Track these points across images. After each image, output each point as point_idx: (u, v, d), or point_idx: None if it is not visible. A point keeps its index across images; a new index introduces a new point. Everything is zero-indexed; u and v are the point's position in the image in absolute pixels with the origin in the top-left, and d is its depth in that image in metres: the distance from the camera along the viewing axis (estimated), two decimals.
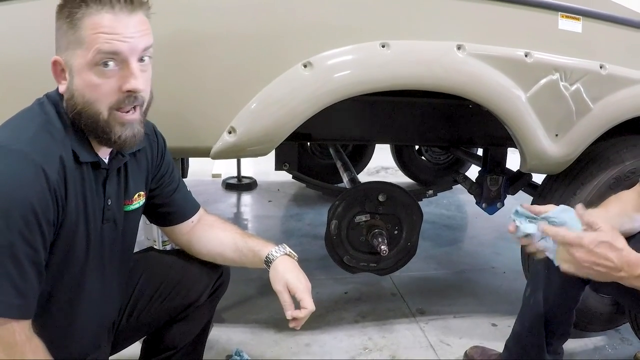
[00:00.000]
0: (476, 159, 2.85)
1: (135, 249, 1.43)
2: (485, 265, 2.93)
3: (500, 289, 2.59)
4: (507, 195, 2.38)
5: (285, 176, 3.41)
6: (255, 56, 1.55)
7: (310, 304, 1.31)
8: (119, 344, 1.47)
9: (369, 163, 4.29)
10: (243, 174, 4.40)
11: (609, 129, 1.86)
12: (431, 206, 3.87)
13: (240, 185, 4.32)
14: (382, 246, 1.98)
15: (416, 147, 4.24)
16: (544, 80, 1.72)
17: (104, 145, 1.15)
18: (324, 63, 1.56)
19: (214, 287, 1.50)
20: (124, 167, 1.26)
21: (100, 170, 1.19)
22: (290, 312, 1.30)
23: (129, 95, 1.08)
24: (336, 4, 1.59)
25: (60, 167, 1.08)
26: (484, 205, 2.36)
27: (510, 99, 1.70)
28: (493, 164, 2.35)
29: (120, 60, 1.06)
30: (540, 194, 2.09)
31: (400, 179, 4.33)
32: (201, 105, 1.56)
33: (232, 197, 4.14)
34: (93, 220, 1.18)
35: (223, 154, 1.61)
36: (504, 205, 2.37)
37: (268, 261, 1.38)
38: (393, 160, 4.39)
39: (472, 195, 2.45)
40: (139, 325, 1.45)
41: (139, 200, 1.32)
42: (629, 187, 1.68)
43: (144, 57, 1.10)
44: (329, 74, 1.57)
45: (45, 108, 1.12)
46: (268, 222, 3.62)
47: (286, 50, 1.56)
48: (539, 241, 1.35)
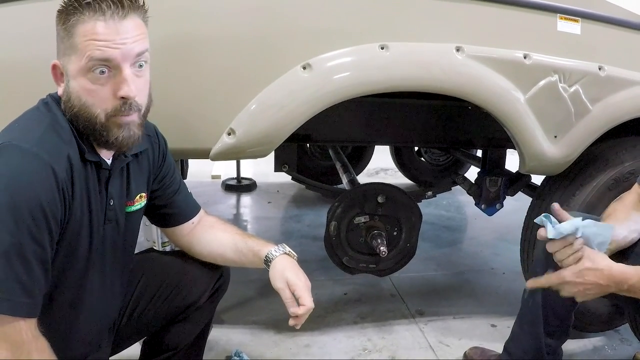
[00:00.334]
0: (475, 160, 2.85)
1: (135, 250, 1.44)
2: (484, 266, 2.93)
3: (499, 290, 2.59)
4: (506, 196, 2.39)
5: (284, 177, 3.40)
6: (255, 58, 1.55)
7: (310, 302, 1.31)
8: (120, 345, 1.47)
9: (369, 164, 4.29)
10: (242, 175, 4.41)
11: (607, 130, 1.86)
12: (430, 207, 3.87)
13: (239, 186, 4.32)
14: (382, 247, 1.99)
15: (415, 149, 4.24)
16: (542, 82, 1.72)
17: (102, 147, 1.16)
18: (323, 65, 1.56)
19: (214, 288, 1.50)
20: (126, 168, 1.27)
21: (102, 170, 1.20)
22: (293, 309, 1.31)
23: (124, 102, 1.09)
24: (335, 6, 1.59)
25: (68, 166, 1.09)
26: (483, 206, 2.36)
27: (509, 100, 1.70)
28: (492, 165, 2.36)
29: (113, 67, 1.07)
30: (539, 196, 2.10)
31: (399, 180, 4.33)
32: (200, 107, 1.56)
33: (232, 199, 4.14)
34: (96, 220, 1.19)
35: (222, 156, 1.61)
36: (503, 206, 2.37)
37: (268, 260, 1.38)
38: (392, 162, 4.39)
39: (471, 197, 2.46)
40: (140, 326, 1.46)
41: (140, 202, 1.33)
42: (627, 189, 1.68)
43: (139, 63, 1.10)
44: (328, 75, 1.57)
45: (52, 108, 1.13)
46: (267, 224, 3.63)
47: (285, 52, 1.56)
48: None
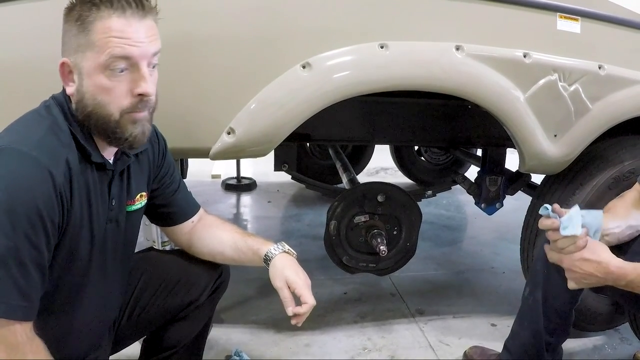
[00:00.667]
0: (475, 160, 2.86)
1: (135, 250, 1.44)
2: (484, 265, 2.93)
3: (499, 289, 2.59)
4: (506, 195, 2.39)
5: (284, 177, 3.41)
6: (254, 57, 1.55)
7: (311, 299, 1.31)
8: (120, 343, 1.47)
9: (369, 164, 4.29)
10: (242, 174, 4.41)
11: (607, 129, 1.86)
12: (430, 206, 3.87)
13: (239, 185, 4.32)
14: (381, 246, 1.99)
15: (415, 148, 4.24)
16: (542, 81, 1.72)
17: (114, 145, 1.16)
18: (322, 64, 1.56)
19: (214, 287, 1.50)
20: (127, 168, 1.27)
21: (106, 171, 1.20)
22: (291, 309, 1.31)
23: (140, 99, 1.10)
24: (335, 5, 1.59)
25: (67, 170, 1.08)
26: (483, 205, 2.36)
27: (509, 99, 1.70)
28: (492, 165, 2.36)
29: (130, 64, 1.08)
30: (539, 195, 2.10)
31: (399, 179, 4.34)
32: (200, 106, 1.56)
33: (232, 198, 4.14)
34: (97, 221, 1.19)
35: (222, 155, 1.61)
36: (503, 205, 2.37)
37: (267, 259, 1.38)
38: (392, 161, 4.39)
39: (471, 196, 2.46)
40: (139, 325, 1.46)
41: (140, 201, 1.33)
42: (627, 188, 1.68)
43: (152, 63, 1.12)
44: (327, 74, 1.57)
45: (52, 111, 1.12)
46: (267, 223, 3.63)
47: (285, 51, 1.56)
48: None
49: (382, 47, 1.60)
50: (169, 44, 1.48)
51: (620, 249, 1.51)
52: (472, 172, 2.70)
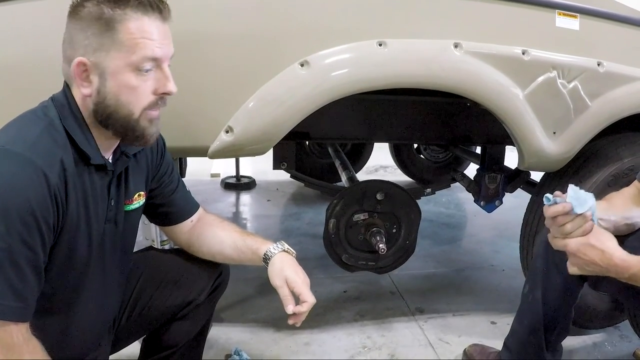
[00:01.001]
0: (474, 157, 2.85)
1: (134, 249, 1.44)
2: (484, 263, 2.93)
3: (499, 287, 2.59)
4: (506, 193, 2.39)
5: (284, 175, 3.41)
6: (252, 55, 1.55)
7: (310, 297, 1.31)
8: (119, 343, 1.47)
9: (368, 162, 4.29)
10: (242, 173, 4.41)
11: (607, 126, 1.86)
12: (430, 204, 3.87)
13: (239, 184, 4.33)
14: (381, 245, 1.98)
15: (415, 146, 4.24)
16: (541, 78, 1.72)
17: (127, 142, 1.18)
18: (321, 62, 1.56)
19: (214, 286, 1.50)
20: (125, 168, 1.26)
21: (106, 172, 1.19)
22: (291, 307, 1.30)
23: (161, 97, 1.14)
24: (333, 3, 1.58)
25: (62, 171, 1.08)
26: (482, 203, 2.36)
27: (508, 96, 1.70)
28: (491, 162, 2.36)
29: (156, 65, 1.11)
30: (538, 192, 2.10)
31: (399, 177, 4.34)
32: (198, 105, 1.56)
33: (231, 197, 4.14)
34: (95, 222, 1.18)
35: (221, 153, 1.61)
36: (502, 203, 2.37)
37: (266, 258, 1.38)
38: (392, 159, 4.39)
39: (471, 194, 2.45)
40: (139, 324, 1.46)
41: (139, 200, 1.33)
42: (627, 185, 1.68)
43: (169, 64, 1.15)
44: (326, 72, 1.57)
45: (49, 112, 1.12)
46: (267, 222, 3.63)
47: (283, 49, 1.56)
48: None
49: (381, 45, 1.59)
50: None
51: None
52: (472, 170, 2.69)
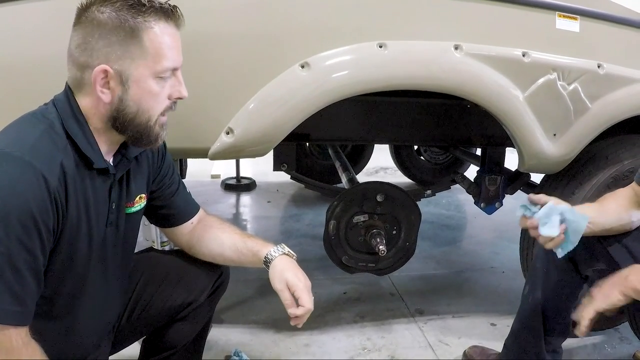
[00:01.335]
0: (475, 159, 2.85)
1: (135, 250, 1.43)
2: (484, 265, 2.93)
3: (499, 289, 2.59)
4: (506, 195, 2.39)
5: (284, 177, 3.41)
6: (253, 57, 1.55)
7: (309, 303, 1.31)
8: (119, 344, 1.47)
9: (368, 163, 4.30)
10: (242, 174, 4.41)
11: (607, 128, 1.86)
12: (430, 206, 3.87)
13: (239, 185, 4.33)
14: (381, 246, 1.98)
15: (415, 147, 4.24)
16: (541, 80, 1.72)
17: (141, 146, 1.21)
18: (321, 63, 1.56)
19: (214, 287, 1.50)
20: (127, 170, 1.26)
21: (107, 175, 1.19)
22: (292, 310, 1.31)
23: (174, 102, 1.18)
24: (333, 5, 1.59)
25: (61, 174, 1.07)
26: (482, 205, 2.36)
27: (508, 98, 1.70)
28: (491, 164, 2.36)
29: (173, 71, 1.15)
30: (539, 194, 2.09)
31: (399, 179, 4.34)
32: (199, 106, 1.56)
33: (231, 198, 4.14)
34: (96, 225, 1.18)
35: (221, 155, 1.61)
36: (502, 205, 2.37)
37: (267, 261, 1.38)
38: (392, 161, 4.40)
39: (471, 195, 2.45)
40: (139, 325, 1.45)
41: (140, 203, 1.33)
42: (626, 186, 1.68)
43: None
44: (326, 74, 1.57)
45: (50, 115, 1.11)
46: (267, 223, 3.63)
47: (283, 51, 1.56)
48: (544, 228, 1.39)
49: (381, 47, 1.60)
50: None
51: (605, 240, 1.52)
52: (472, 172, 2.69)
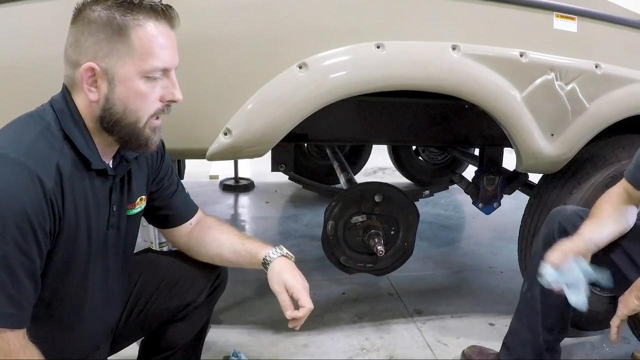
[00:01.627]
0: (473, 159, 2.86)
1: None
2: (482, 265, 2.93)
3: (497, 289, 2.59)
4: (504, 195, 2.39)
5: (282, 177, 3.41)
6: (251, 57, 1.55)
7: (308, 303, 1.32)
8: (118, 345, 1.46)
9: (366, 163, 4.29)
10: (240, 175, 4.41)
11: (604, 128, 1.86)
12: (428, 206, 3.87)
13: (237, 186, 4.32)
14: (379, 246, 1.98)
15: (413, 148, 4.24)
16: (539, 80, 1.72)
17: (129, 149, 1.18)
18: (319, 64, 1.56)
19: (212, 288, 1.50)
20: (128, 171, 1.26)
21: (107, 177, 1.19)
22: (289, 312, 1.31)
23: (167, 105, 1.15)
24: (331, 5, 1.59)
25: (57, 176, 1.06)
26: (480, 205, 2.36)
27: (506, 99, 1.70)
28: (489, 164, 2.36)
29: (165, 72, 1.11)
30: (536, 194, 2.10)
31: (397, 179, 4.34)
32: (197, 107, 1.56)
33: (230, 199, 4.14)
34: (96, 228, 1.18)
35: (219, 156, 1.61)
36: (500, 205, 2.37)
37: (265, 263, 1.38)
38: (390, 161, 4.39)
39: (469, 195, 2.46)
40: (137, 326, 1.45)
41: (140, 204, 1.33)
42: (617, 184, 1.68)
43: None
44: (324, 74, 1.57)
45: (46, 115, 1.10)
46: (265, 223, 3.62)
47: (281, 52, 1.56)
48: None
49: (379, 47, 1.60)
50: None
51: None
52: (470, 172, 2.70)
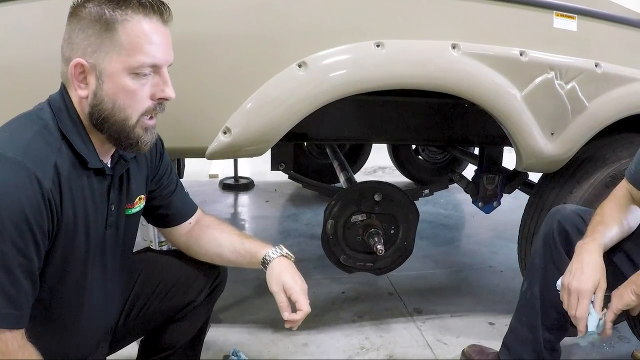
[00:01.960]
0: (473, 158, 2.85)
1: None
2: (482, 264, 2.93)
3: (497, 288, 2.59)
4: (504, 194, 2.39)
5: (282, 176, 3.41)
6: (250, 56, 1.55)
7: (306, 306, 1.32)
8: (117, 344, 1.46)
9: (366, 162, 4.29)
10: (240, 174, 4.41)
11: (604, 127, 1.86)
12: (428, 205, 3.87)
13: (237, 185, 4.32)
14: (379, 245, 1.98)
15: (413, 147, 4.24)
16: (539, 79, 1.72)
17: (122, 148, 1.16)
18: (318, 63, 1.56)
19: (212, 287, 1.50)
20: (126, 171, 1.25)
21: (104, 176, 1.18)
22: (286, 315, 1.31)
23: (160, 103, 1.12)
24: (331, 4, 1.58)
25: (55, 175, 1.06)
26: (480, 204, 2.36)
27: (506, 97, 1.70)
28: (489, 163, 2.36)
29: (155, 69, 1.09)
30: (536, 193, 2.10)
31: (397, 178, 4.34)
32: (196, 106, 1.56)
33: (229, 198, 4.14)
34: (94, 227, 1.17)
35: (218, 155, 1.61)
36: (500, 204, 2.37)
37: (265, 262, 1.38)
38: (390, 160, 4.39)
39: (469, 195, 2.45)
40: (137, 325, 1.45)
41: (139, 204, 1.32)
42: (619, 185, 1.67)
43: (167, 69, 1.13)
44: (323, 73, 1.57)
45: (44, 114, 1.10)
46: (265, 223, 3.62)
47: (281, 50, 1.56)
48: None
49: (378, 46, 1.59)
50: None
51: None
52: (470, 171, 2.69)
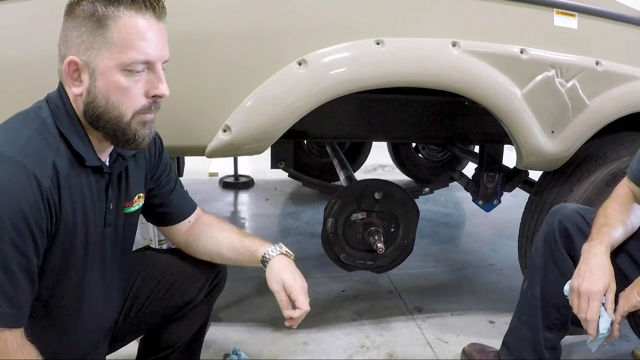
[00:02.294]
0: (473, 156, 2.85)
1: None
2: (482, 262, 2.93)
3: (497, 286, 2.59)
4: (504, 192, 2.39)
5: (282, 174, 3.40)
6: (250, 54, 1.54)
7: (305, 304, 1.31)
8: (117, 343, 1.46)
9: (366, 161, 4.29)
10: (240, 172, 4.41)
11: (605, 125, 1.86)
12: (428, 204, 3.87)
13: (237, 183, 4.32)
14: (379, 244, 1.98)
15: (413, 145, 4.24)
16: (539, 77, 1.72)
17: (119, 146, 1.15)
18: (318, 61, 1.56)
19: (211, 286, 1.50)
20: (125, 169, 1.25)
21: (103, 174, 1.18)
22: (287, 312, 1.31)
23: (154, 100, 1.11)
24: (330, 2, 1.58)
25: (54, 174, 1.06)
26: (480, 202, 2.36)
27: (506, 95, 1.70)
28: (489, 161, 2.35)
29: (148, 66, 1.08)
30: (536, 191, 2.10)
31: (397, 176, 4.34)
32: (196, 104, 1.56)
33: (229, 196, 4.14)
34: (93, 226, 1.17)
35: (218, 153, 1.61)
36: (500, 202, 2.37)
37: (264, 261, 1.37)
38: (390, 158, 4.39)
39: (469, 193, 2.45)
40: (136, 324, 1.45)
41: (138, 202, 1.32)
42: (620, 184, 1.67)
43: (163, 66, 1.12)
44: (323, 71, 1.56)
45: (42, 113, 1.10)
46: (265, 221, 3.62)
47: (281, 48, 1.55)
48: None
49: (378, 44, 1.59)
50: None
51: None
52: (470, 169, 2.69)
